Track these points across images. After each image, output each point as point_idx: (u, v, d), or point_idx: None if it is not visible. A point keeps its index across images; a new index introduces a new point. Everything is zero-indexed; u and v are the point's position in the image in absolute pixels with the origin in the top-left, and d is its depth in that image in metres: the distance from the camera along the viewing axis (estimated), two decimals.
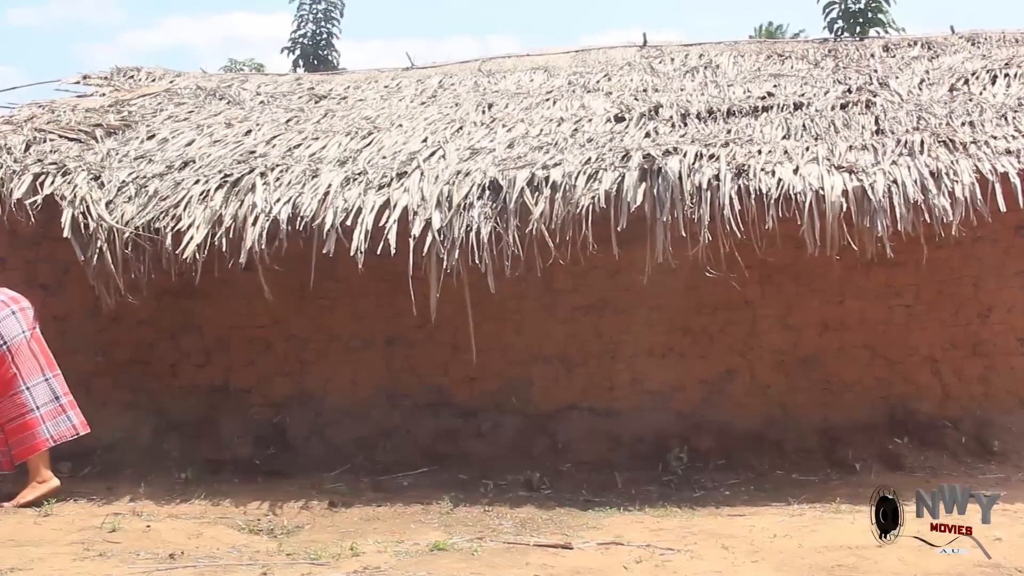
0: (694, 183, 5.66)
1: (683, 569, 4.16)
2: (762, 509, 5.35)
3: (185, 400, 6.97)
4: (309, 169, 6.28)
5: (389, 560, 4.33)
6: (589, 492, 5.81)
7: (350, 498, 5.71)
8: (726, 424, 6.68)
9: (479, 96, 7.83)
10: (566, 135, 6.66)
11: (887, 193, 5.54)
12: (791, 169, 5.74)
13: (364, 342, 7.05)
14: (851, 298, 6.83)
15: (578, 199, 5.68)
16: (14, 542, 4.69)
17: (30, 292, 7.00)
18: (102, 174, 6.36)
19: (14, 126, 6.96)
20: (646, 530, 4.87)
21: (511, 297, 6.51)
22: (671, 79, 7.84)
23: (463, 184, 5.92)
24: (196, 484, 5.99)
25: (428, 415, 6.83)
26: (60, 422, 5.68)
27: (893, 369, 6.79)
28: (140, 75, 8.88)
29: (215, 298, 6.88)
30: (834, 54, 8.14)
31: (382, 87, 8.45)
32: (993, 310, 6.80)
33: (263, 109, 7.91)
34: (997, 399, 6.71)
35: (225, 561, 4.36)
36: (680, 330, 6.89)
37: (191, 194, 6.09)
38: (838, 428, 6.60)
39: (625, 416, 6.76)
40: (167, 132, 7.25)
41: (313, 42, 15.67)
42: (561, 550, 4.47)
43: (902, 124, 6.38)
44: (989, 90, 6.93)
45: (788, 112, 6.75)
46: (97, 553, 4.48)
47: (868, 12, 11.27)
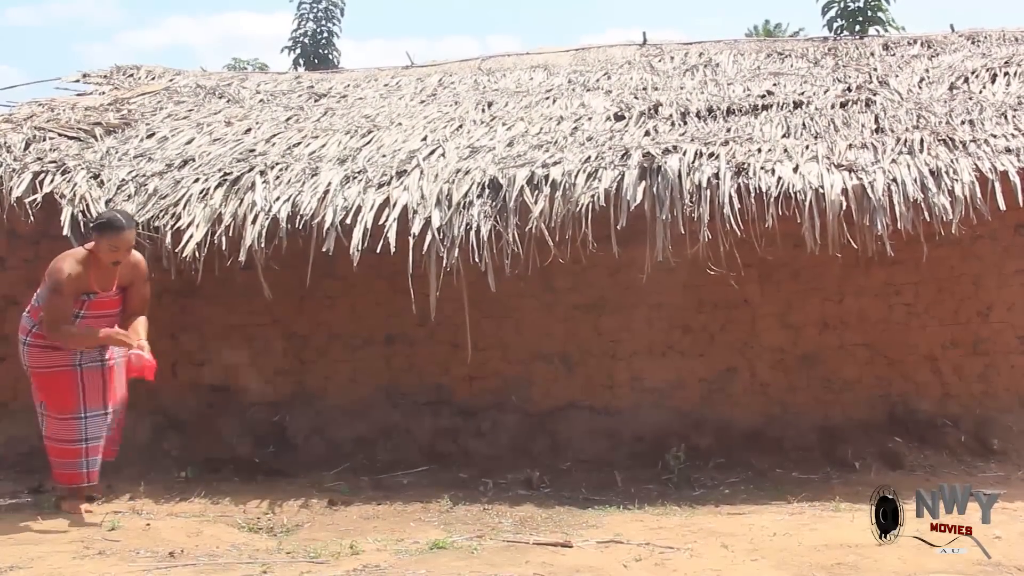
0: (694, 181, 5.66)
1: (683, 567, 4.16)
2: (762, 507, 5.35)
3: (185, 399, 6.97)
4: (309, 167, 6.28)
5: (389, 558, 4.33)
6: (589, 491, 5.80)
7: (350, 497, 5.71)
8: (726, 422, 6.68)
9: (479, 95, 7.83)
10: (566, 133, 6.66)
11: (887, 191, 5.55)
12: (791, 167, 5.74)
13: (364, 341, 7.05)
14: (851, 296, 6.83)
15: (578, 197, 5.68)
16: (14, 540, 4.69)
17: (30, 291, 7.03)
18: (102, 172, 6.37)
19: (14, 124, 6.95)
20: (646, 528, 4.87)
21: (511, 295, 6.50)
22: (671, 77, 7.84)
23: (463, 182, 5.92)
24: (196, 483, 5.99)
25: (428, 414, 6.82)
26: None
27: (893, 367, 6.79)
28: (140, 74, 8.88)
29: (215, 297, 6.88)
30: (834, 53, 8.15)
31: (382, 86, 8.45)
32: (993, 308, 6.80)
33: (263, 107, 7.91)
34: (997, 397, 6.71)
35: (225, 559, 4.36)
36: (680, 328, 6.89)
37: (191, 192, 6.09)
38: (838, 426, 6.60)
39: (625, 414, 6.76)
40: (167, 130, 7.25)
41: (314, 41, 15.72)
42: (561, 548, 4.46)
43: (902, 122, 6.38)
44: (989, 88, 6.94)
45: (788, 110, 6.75)
46: (97, 551, 4.49)
47: (867, 11, 11.29)
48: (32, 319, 5.25)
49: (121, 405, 5.43)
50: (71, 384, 5.14)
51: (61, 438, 5.16)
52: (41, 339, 5.16)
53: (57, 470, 5.23)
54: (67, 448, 5.15)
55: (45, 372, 5.19)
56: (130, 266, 5.23)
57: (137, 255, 5.33)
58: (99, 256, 5.09)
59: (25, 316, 5.31)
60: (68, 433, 5.14)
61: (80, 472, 5.17)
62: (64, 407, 5.14)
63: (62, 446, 5.16)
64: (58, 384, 5.15)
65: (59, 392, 5.15)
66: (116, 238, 5.04)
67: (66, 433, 5.14)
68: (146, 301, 5.36)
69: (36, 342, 5.19)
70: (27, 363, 5.24)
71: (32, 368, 5.23)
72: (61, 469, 5.21)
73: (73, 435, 5.13)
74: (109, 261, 5.09)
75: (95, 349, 5.20)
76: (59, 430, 5.16)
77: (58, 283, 5.01)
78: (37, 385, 5.25)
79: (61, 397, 5.15)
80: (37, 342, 5.18)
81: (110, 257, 5.07)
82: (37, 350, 5.18)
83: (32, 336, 5.20)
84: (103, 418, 5.21)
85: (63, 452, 5.17)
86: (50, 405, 5.20)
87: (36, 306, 5.25)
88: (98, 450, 5.22)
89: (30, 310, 5.30)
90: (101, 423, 5.20)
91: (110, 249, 5.05)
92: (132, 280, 5.28)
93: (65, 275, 5.01)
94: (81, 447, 5.14)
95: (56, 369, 5.15)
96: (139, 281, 5.32)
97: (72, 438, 5.13)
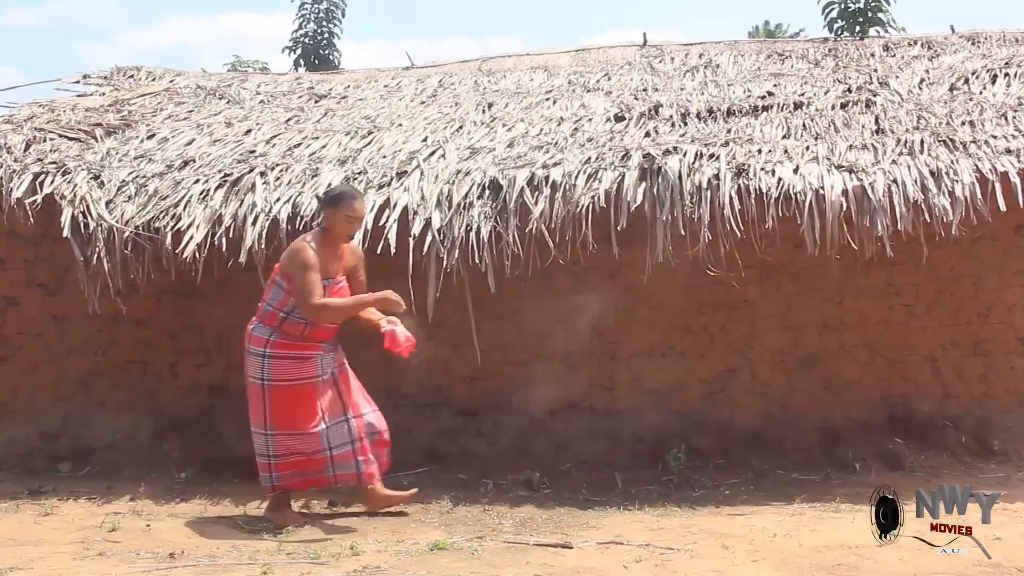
0: (694, 182, 5.66)
1: (683, 568, 4.16)
2: (762, 508, 5.35)
3: (185, 400, 6.96)
4: (309, 168, 6.29)
5: (389, 559, 4.33)
6: (589, 491, 5.80)
7: (350, 497, 5.71)
8: (726, 423, 6.68)
9: (479, 95, 7.84)
10: (566, 134, 6.67)
11: (887, 192, 5.55)
12: (791, 168, 5.74)
13: (364, 342, 7.03)
14: (851, 297, 6.82)
15: (578, 198, 5.69)
16: (14, 541, 4.69)
17: (30, 292, 7.04)
18: (102, 173, 6.37)
19: (14, 125, 6.96)
20: (646, 529, 4.87)
21: (511, 297, 6.50)
22: (671, 78, 7.85)
23: (463, 183, 5.93)
24: (196, 483, 5.99)
25: (428, 415, 6.82)
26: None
27: (893, 368, 6.79)
28: (140, 74, 8.89)
29: (215, 298, 6.87)
30: (834, 53, 8.15)
31: (382, 86, 8.46)
32: (993, 309, 6.80)
33: (263, 108, 7.92)
34: (997, 398, 6.71)
35: (225, 560, 4.36)
36: (680, 329, 6.88)
37: (191, 193, 6.09)
38: (838, 427, 6.59)
39: (625, 415, 6.76)
40: (167, 131, 7.25)
41: (314, 42, 15.71)
42: (561, 549, 4.47)
43: (902, 123, 6.39)
44: (989, 89, 6.94)
45: (788, 111, 6.75)
46: (97, 552, 4.49)
47: (868, 11, 11.28)
48: (267, 326, 5.06)
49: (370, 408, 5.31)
50: (312, 397, 5.02)
51: (301, 451, 5.05)
52: (283, 348, 5.01)
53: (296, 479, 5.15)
54: (312, 459, 5.07)
55: (287, 386, 5.00)
56: (350, 252, 5.28)
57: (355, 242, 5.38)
58: (334, 232, 5.09)
59: (256, 327, 5.11)
60: (311, 446, 5.04)
61: (327, 476, 5.12)
62: (303, 422, 5.01)
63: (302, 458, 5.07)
64: (300, 398, 5.01)
65: (299, 407, 5.00)
66: (352, 208, 5.09)
67: (307, 446, 5.04)
68: (365, 288, 5.32)
69: (279, 352, 5.01)
70: (267, 377, 5.00)
71: (273, 383, 5.00)
72: (303, 478, 5.15)
73: (317, 446, 5.04)
74: (347, 233, 5.13)
75: (329, 358, 5.13)
76: (298, 445, 5.04)
77: (307, 260, 4.94)
78: (271, 399, 5.03)
79: (300, 412, 5.01)
80: (280, 352, 5.01)
81: (347, 229, 5.11)
82: (282, 362, 5.00)
83: (272, 347, 5.01)
84: (345, 424, 5.11)
85: (308, 463, 5.08)
86: (285, 423, 5.02)
87: (269, 310, 5.07)
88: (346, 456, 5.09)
89: (262, 318, 5.10)
90: (345, 430, 5.10)
91: (347, 220, 5.08)
92: (356, 265, 5.30)
93: (311, 252, 4.96)
94: (326, 456, 5.06)
95: (300, 383, 5.01)
96: (361, 267, 5.34)
97: (316, 449, 5.05)
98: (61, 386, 6.98)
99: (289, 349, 5.03)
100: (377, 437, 5.29)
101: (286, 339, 5.04)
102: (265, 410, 5.06)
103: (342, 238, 5.15)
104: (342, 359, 5.31)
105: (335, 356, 5.25)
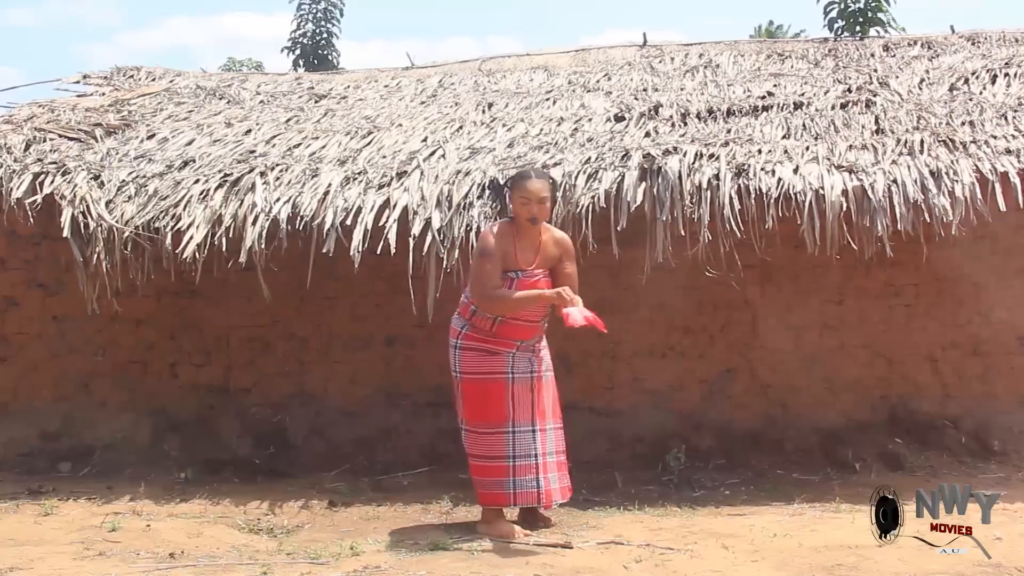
0: (694, 183, 5.66)
1: (683, 568, 4.16)
2: (762, 508, 5.34)
3: (185, 400, 6.97)
4: (309, 168, 6.28)
5: (389, 559, 4.33)
6: (589, 491, 5.79)
7: (350, 498, 5.71)
8: (726, 423, 6.68)
9: (479, 96, 7.84)
10: (566, 135, 6.67)
11: (887, 193, 5.55)
12: (791, 169, 5.74)
13: (364, 342, 7.05)
14: (851, 298, 6.82)
15: (578, 198, 5.69)
16: (14, 541, 4.69)
17: (30, 292, 7.04)
18: (102, 174, 6.36)
19: (14, 125, 6.96)
20: (646, 529, 4.86)
21: None
22: (671, 79, 7.85)
23: (463, 184, 5.93)
24: (196, 484, 5.99)
25: (428, 415, 6.81)
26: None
27: (893, 368, 6.79)
28: (140, 75, 8.89)
29: (214, 298, 6.88)
30: (834, 54, 8.15)
31: (382, 87, 8.46)
32: (993, 309, 6.79)
33: (263, 108, 7.91)
34: (997, 398, 6.70)
35: (225, 560, 4.36)
36: (680, 330, 6.88)
37: (191, 194, 6.09)
38: (838, 427, 6.60)
39: (625, 415, 6.76)
40: (167, 131, 7.25)
41: (313, 42, 15.69)
42: (561, 549, 4.46)
43: (902, 124, 6.38)
44: (989, 90, 6.94)
45: (788, 112, 6.75)
46: (97, 552, 4.49)
47: (868, 11, 11.26)
48: (462, 318, 4.90)
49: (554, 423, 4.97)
50: (501, 394, 4.78)
51: (484, 455, 4.80)
52: (474, 340, 4.83)
53: (479, 489, 4.86)
54: (490, 466, 4.78)
55: (476, 379, 4.82)
56: (554, 242, 4.93)
57: (561, 233, 5.06)
58: (517, 219, 4.81)
59: (454, 318, 4.96)
60: (494, 449, 4.77)
61: (506, 493, 4.75)
62: (491, 419, 4.78)
63: (484, 463, 4.80)
64: (488, 393, 4.80)
65: (487, 402, 4.80)
66: (524, 188, 4.76)
67: (491, 449, 4.77)
68: (575, 281, 4.92)
69: (469, 344, 4.84)
70: (458, 369, 4.87)
71: (464, 375, 4.85)
72: (483, 488, 4.83)
73: (500, 451, 4.75)
74: (525, 217, 4.75)
75: (526, 359, 4.86)
76: (483, 445, 4.81)
77: (486, 246, 4.75)
78: (463, 393, 4.88)
79: (488, 408, 4.79)
80: (470, 344, 4.83)
81: (524, 212, 4.76)
82: (471, 354, 4.83)
83: (463, 339, 4.85)
84: (531, 435, 4.79)
85: (486, 470, 4.80)
86: (474, 417, 4.85)
87: (464, 302, 4.92)
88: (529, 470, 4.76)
89: (459, 309, 4.95)
90: (529, 440, 4.78)
91: (521, 202, 4.76)
92: (559, 257, 4.94)
93: (492, 239, 4.75)
94: (507, 465, 4.74)
95: (488, 377, 4.80)
96: (567, 259, 4.96)
97: (498, 455, 4.76)
98: (61, 386, 6.99)
99: (479, 342, 4.84)
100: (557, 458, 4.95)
101: (477, 333, 4.85)
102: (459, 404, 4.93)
103: (525, 224, 4.80)
104: (544, 368, 4.98)
105: (534, 359, 4.92)
